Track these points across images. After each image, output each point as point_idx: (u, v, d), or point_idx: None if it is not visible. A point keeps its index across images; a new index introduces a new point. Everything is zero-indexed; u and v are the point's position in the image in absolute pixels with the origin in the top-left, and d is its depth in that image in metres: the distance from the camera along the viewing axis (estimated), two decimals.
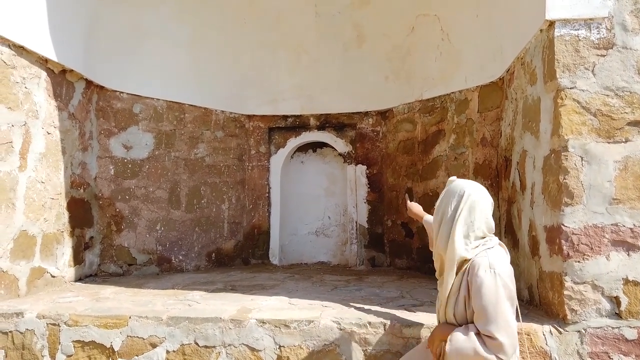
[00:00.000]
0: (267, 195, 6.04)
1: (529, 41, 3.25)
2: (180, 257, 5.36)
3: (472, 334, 1.83)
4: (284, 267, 5.84)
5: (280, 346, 2.89)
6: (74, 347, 3.04)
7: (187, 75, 5.45)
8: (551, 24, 2.87)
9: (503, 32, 3.87)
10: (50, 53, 3.97)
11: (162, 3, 5.10)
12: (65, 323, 3.07)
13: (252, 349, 2.91)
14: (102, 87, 4.81)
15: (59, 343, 3.05)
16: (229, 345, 2.94)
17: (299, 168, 6.37)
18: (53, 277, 4.11)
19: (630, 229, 2.68)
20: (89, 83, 4.63)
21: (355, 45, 5.69)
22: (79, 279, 4.50)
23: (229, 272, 5.22)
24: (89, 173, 4.72)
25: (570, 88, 2.79)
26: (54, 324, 3.08)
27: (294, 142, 6.13)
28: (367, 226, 5.83)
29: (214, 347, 2.95)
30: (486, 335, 1.80)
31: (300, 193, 6.31)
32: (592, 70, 2.79)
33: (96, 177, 4.81)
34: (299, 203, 6.29)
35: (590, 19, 2.81)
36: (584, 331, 2.68)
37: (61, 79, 4.23)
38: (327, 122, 6.01)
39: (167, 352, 2.97)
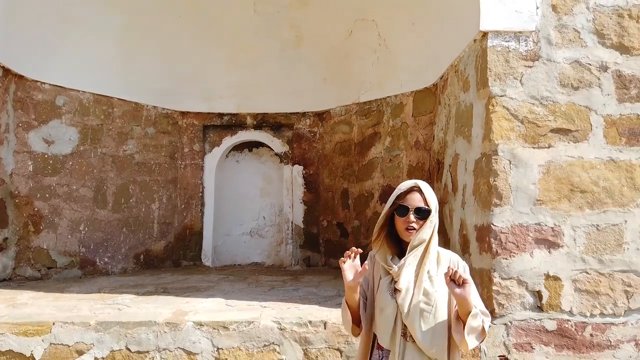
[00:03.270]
0: (200, 194, 5.88)
1: (463, 50, 3.42)
2: (106, 259, 5.07)
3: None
4: (217, 268, 5.70)
5: (218, 349, 2.82)
6: None
7: (116, 68, 5.18)
8: (484, 34, 3.04)
9: (438, 40, 4.04)
10: None
11: None
12: None
13: (189, 353, 2.82)
14: (21, 77, 4.45)
15: None
16: (164, 349, 2.82)
17: (234, 167, 6.26)
18: None
19: (552, 228, 2.89)
20: (6, 72, 4.28)
21: (294, 45, 5.69)
22: None
23: (159, 275, 5.02)
24: (4, 169, 4.34)
25: (501, 96, 2.97)
26: None
27: (229, 141, 6.01)
28: (302, 226, 5.85)
29: (148, 352, 2.82)
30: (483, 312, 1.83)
31: (235, 193, 6.20)
32: (520, 80, 2.98)
33: (12, 174, 4.43)
34: (233, 203, 6.17)
35: (520, 32, 3.00)
36: (509, 324, 2.85)
37: None
38: (264, 121, 5.96)
39: (95, 359, 2.80)
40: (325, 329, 2.84)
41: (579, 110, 2.97)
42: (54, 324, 2.83)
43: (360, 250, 1.89)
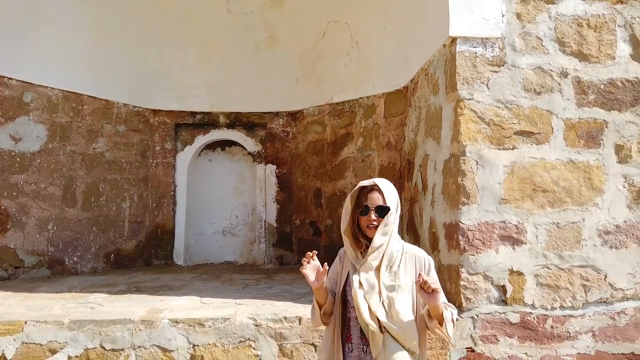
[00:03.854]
0: (172, 193, 5.85)
1: (432, 54, 3.54)
2: (75, 259, 5.00)
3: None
4: (189, 267, 5.69)
5: (194, 345, 2.85)
6: None
7: (86, 65, 5.11)
8: (453, 40, 3.17)
9: (409, 44, 4.16)
10: None
11: None
12: None
13: (164, 350, 2.84)
14: None
15: None
16: (139, 347, 2.83)
17: (207, 166, 6.25)
18: None
19: (515, 225, 3.04)
20: None
21: (267, 45, 5.74)
22: None
23: (131, 274, 4.98)
24: None
25: (469, 99, 3.10)
26: None
27: (202, 140, 6.01)
28: (275, 225, 5.90)
29: (122, 350, 2.82)
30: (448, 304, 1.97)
31: (208, 192, 6.19)
32: (487, 84, 3.12)
33: None
34: (206, 202, 6.17)
35: (487, 38, 3.14)
36: (476, 317, 2.99)
37: None
38: (237, 120, 5.98)
39: (69, 357, 2.79)
40: (300, 324, 2.91)
41: (541, 114, 3.13)
42: (25, 322, 2.81)
43: (315, 252, 2.01)
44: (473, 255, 3.01)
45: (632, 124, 3.17)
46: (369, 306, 1.93)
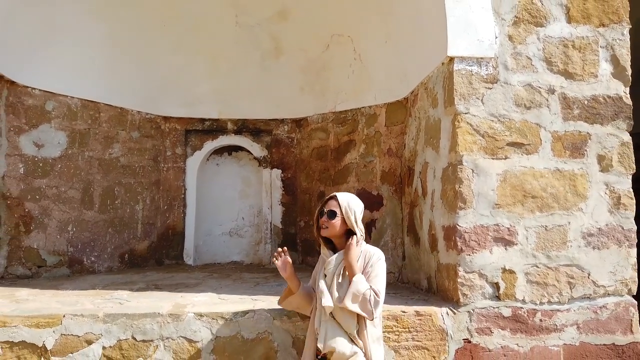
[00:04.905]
0: (182, 196, 6.13)
1: (432, 71, 3.86)
2: (93, 259, 5.27)
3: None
4: (199, 267, 5.97)
5: (217, 337, 3.14)
6: (2, 348, 3.00)
7: (103, 74, 5.38)
8: (451, 59, 3.48)
9: (409, 59, 4.47)
10: None
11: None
12: None
13: (190, 341, 3.12)
14: (12, 82, 4.61)
15: None
16: (167, 338, 3.11)
17: (215, 170, 6.54)
18: None
19: (508, 228, 3.36)
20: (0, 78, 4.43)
21: (273, 56, 6.02)
22: None
23: (145, 273, 5.26)
24: None
25: (465, 113, 3.42)
26: None
27: (210, 145, 6.29)
28: (281, 227, 6.19)
29: (152, 340, 3.10)
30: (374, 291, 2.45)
31: (215, 195, 6.47)
32: (482, 100, 3.44)
33: (4, 176, 4.59)
34: (213, 204, 6.45)
35: (481, 58, 3.46)
36: (472, 311, 3.30)
37: None
38: (244, 127, 6.27)
39: (104, 347, 3.07)
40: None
41: (531, 127, 3.45)
42: (64, 316, 3.08)
43: (285, 248, 2.74)
44: (469, 255, 3.32)
45: (612, 136, 3.50)
46: (323, 292, 2.52)
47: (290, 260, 2.73)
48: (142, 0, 5.39)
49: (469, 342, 3.27)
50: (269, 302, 3.49)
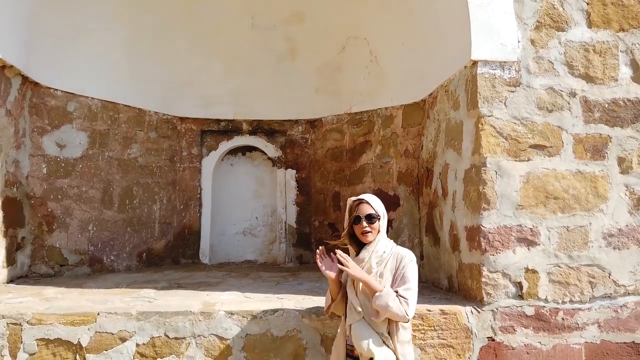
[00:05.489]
0: (198, 196, 6.20)
1: (453, 74, 3.92)
2: (112, 258, 5.34)
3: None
4: (214, 266, 6.04)
5: (247, 334, 3.21)
6: (38, 345, 3.07)
7: (122, 76, 5.45)
8: (474, 62, 3.55)
9: (428, 62, 4.54)
10: None
11: (100, 3, 5.06)
12: (28, 322, 3.08)
13: (221, 338, 3.19)
14: (36, 84, 4.67)
15: (21, 342, 3.05)
16: (199, 335, 3.18)
17: (229, 170, 6.60)
18: None
19: (530, 228, 3.43)
20: (24, 79, 4.49)
21: (288, 57, 6.10)
22: (10, 280, 4.34)
23: (163, 272, 5.32)
24: (21, 172, 4.56)
25: (489, 116, 3.49)
26: (15, 324, 3.07)
27: (226, 145, 6.36)
28: (295, 226, 6.26)
29: (184, 338, 3.17)
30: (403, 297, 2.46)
31: (229, 195, 6.54)
32: (505, 103, 3.51)
33: (28, 176, 4.65)
34: (227, 204, 6.51)
35: (504, 62, 3.53)
36: (496, 310, 3.36)
37: (0, 74, 4.09)
38: (259, 127, 6.34)
39: (137, 345, 3.13)
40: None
41: (553, 130, 3.52)
42: (98, 314, 3.15)
43: (322, 248, 2.65)
44: (493, 255, 3.39)
45: (632, 139, 3.57)
46: (355, 292, 2.53)
47: (335, 261, 2.54)
48: (161, 3, 5.48)
49: (493, 340, 3.33)
50: (295, 300, 3.56)
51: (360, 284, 2.54)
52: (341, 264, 2.44)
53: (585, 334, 3.40)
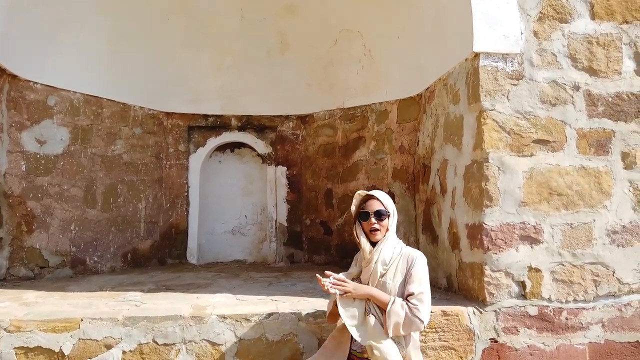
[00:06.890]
0: (185, 194, 6.00)
1: (453, 67, 3.80)
2: (95, 259, 5.12)
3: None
4: (202, 266, 5.86)
5: (241, 339, 3.04)
6: (16, 354, 2.87)
7: (106, 69, 5.23)
8: (476, 55, 3.42)
9: (425, 55, 4.40)
10: None
11: None
12: (5, 329, 2.87)
13: (213, 344, 3.02)
14: (14, 77, 4.44)
15: None
16: (190, 341, 3.01)
17: (217, 167, 6.42)
18: None
19: (534, 226, 3.32)
20: (1, 72, 4.27)
21: (279, 51, 5.92)
22: None
23: (149, 273, 5.12)
24: None
25: (491, 110, 3.37)
26: None
27: (214, 142, 6.17)
28: (286, 225, 6.10)
29: (174, 344, 2.99)
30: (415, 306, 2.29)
31: (217, 192, 6.36)
32: (507, 96, 3.39)
33: (6, 174, 4.42)
34: (216, 202, 6.33)
35: (507, 54, 3.41)
36: (498, 310, 3.25)
37: None
38: (248, 123, 6.16)
39: (124, 352, 2.95)
40: None
41: (556, 124, 3.42)
42: (82, 319, 2.95)
43: (330, 274, 2.37)
44: (496, 253, 3.27)
45: (636, 133, 3.48)
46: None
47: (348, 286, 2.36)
48: None
49: (496, 341, 3.22)
50: (290, 302, 3.41)
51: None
52: (339, 285, 2.32)
53: (589, 334, 3.31)
